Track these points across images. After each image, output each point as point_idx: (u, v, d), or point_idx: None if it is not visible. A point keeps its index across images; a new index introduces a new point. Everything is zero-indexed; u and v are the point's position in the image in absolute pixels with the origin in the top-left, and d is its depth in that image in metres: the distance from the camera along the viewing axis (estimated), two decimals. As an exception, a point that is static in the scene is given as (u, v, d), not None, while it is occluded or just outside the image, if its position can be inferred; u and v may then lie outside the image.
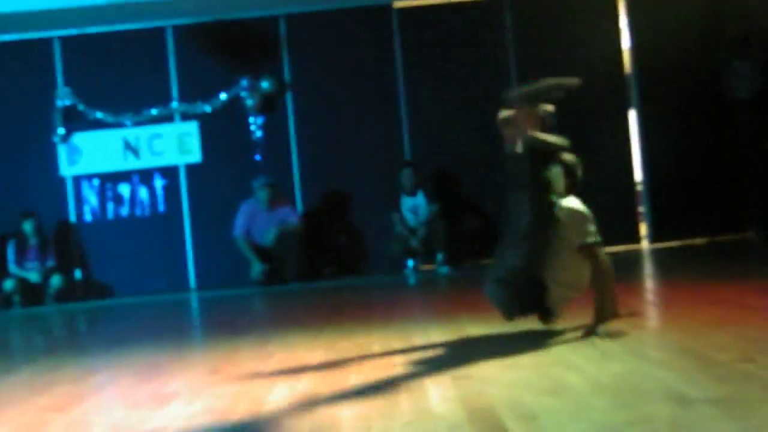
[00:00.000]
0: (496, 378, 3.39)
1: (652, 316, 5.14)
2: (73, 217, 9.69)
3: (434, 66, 9.78)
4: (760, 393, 2.78)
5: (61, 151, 9.68)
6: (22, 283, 9.05)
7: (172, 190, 9.75)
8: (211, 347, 5.34)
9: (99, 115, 9.66)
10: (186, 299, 8.99)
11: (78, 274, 9.59)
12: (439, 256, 8.98)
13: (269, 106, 9.69)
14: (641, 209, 9.82)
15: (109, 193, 9.71)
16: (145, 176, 9.73)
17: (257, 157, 9.66)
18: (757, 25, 8.67)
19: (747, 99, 8.60)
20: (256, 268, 9.10)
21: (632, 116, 9.82)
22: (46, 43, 9.76)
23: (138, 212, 9.72)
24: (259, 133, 9.69)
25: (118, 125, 9.68)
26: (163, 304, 8.54)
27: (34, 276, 9.11)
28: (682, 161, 9.51)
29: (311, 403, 3.23)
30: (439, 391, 3.24)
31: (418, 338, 4.71)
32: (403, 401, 3.14)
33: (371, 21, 9.83)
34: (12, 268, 9.19)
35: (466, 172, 9.65)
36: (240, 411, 3.27)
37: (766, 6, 8.72)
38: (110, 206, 9.71)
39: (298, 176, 9.76)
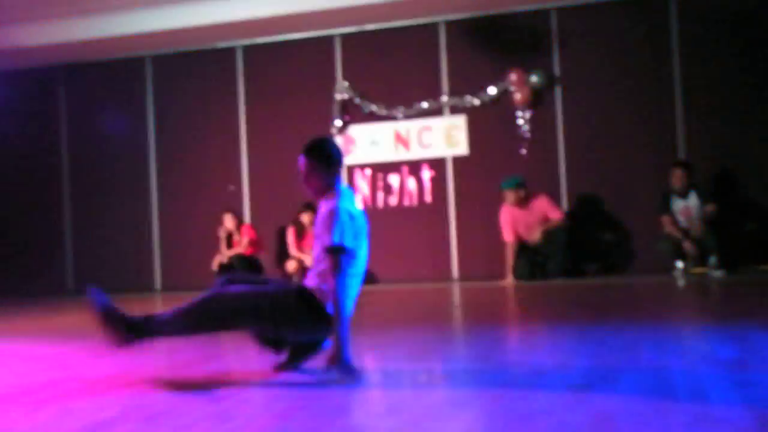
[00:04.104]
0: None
1: None
2: (344, 206, 10.21)
3: (713, 57, 9.22)
4: None
5: (338, 142, 10.23)
6: (301, 265, 9.74)
7: (438, 181, 10.00)
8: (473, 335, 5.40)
9: (373, 108, 10.12)
10: (449, 289, 9.16)
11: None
12: (712, 259, 8.48)
13: (538, 100, 9.64)
14: None
15: (380, 183, 10.15)
16: (414, 167, 10.06)
17: (522, 151, 9.66)
18: None
19: None
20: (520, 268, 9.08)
21: None
22: (327, 40, 10.37)
23: (406, 202, 10.07)
24: (526, 128, 9.68)
25: (390, 118, 10.09)
26: (426, 294, 8.77)
27: (309, 261, 9.76)
28: None
29: (586, 394, 3.17)
30: (719, 394, 3.06)
31: (693, 340, 4.49)
32: (681, 401, 3.00)
33: (646, 12, 9.47)
34: (292, 251, 9.92)
35: (747, 172, 9.03)
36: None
37: None
38: (380, 196, 10.15)
39: (564, 171, 9.63)
